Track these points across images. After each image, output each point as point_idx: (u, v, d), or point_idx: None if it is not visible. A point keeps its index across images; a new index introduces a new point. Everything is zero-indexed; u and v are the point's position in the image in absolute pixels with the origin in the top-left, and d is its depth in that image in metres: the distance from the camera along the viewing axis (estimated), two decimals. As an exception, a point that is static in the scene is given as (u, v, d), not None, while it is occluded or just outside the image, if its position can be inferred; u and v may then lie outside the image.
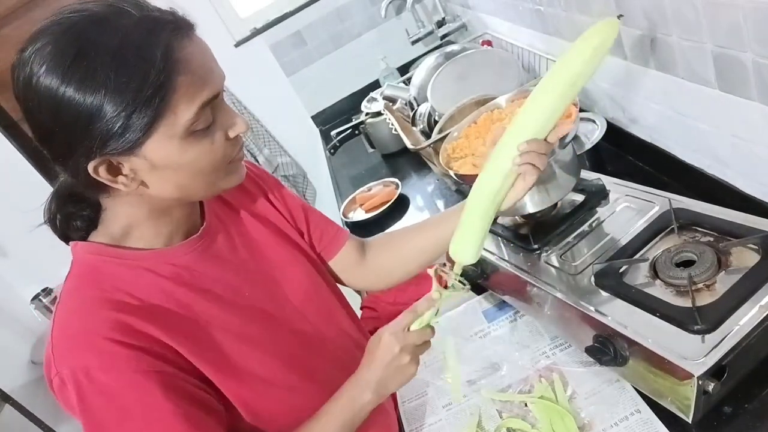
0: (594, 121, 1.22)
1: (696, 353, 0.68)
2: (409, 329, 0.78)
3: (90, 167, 0.64)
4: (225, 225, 0.86)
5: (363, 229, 1.63)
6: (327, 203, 2.62)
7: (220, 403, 0.75)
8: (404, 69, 2.38)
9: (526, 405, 0.85)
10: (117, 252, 0.73)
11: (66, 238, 0.76)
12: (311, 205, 1.02)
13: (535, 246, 0.97)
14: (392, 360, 0.77)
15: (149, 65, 0.60)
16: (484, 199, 0.77)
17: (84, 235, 0.75)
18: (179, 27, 0.64)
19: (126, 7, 0.63)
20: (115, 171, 0.66)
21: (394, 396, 1.00)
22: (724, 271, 0.76)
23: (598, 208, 1.00)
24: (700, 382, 0.66)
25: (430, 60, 1.57)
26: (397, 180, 1.70)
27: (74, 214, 0.75)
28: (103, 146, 0.62)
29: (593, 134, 1.19)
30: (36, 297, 2.34)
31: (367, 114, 1.96)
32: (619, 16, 0.75)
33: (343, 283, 1.05)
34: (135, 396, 0.66)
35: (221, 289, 0.79)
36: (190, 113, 0.64)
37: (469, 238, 0.77)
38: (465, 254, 0.77)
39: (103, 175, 0.65)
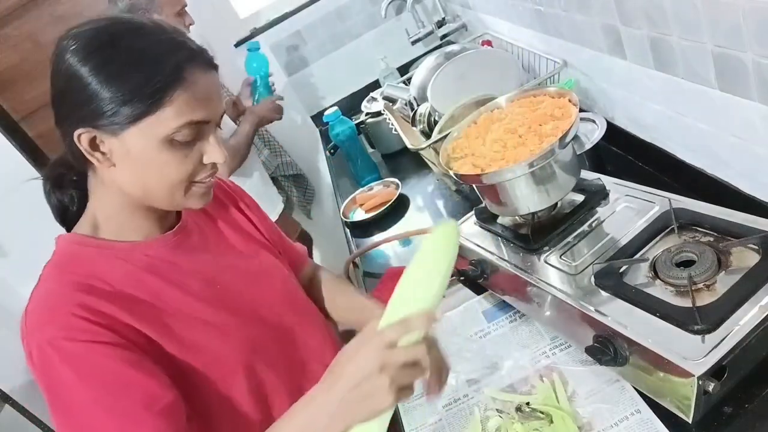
0: (594, 121, 1.22)
1: (696, 353, 0.68)
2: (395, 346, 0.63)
3: (76, 133, 0.71)
4: (200, 227, 0.91)
5: (363, 229, 1.63)
6: (327, 203, 2.62)
7: (186, 386, 0.77)
8: (404, 69, 2.38)
9: (527, 404, 0.84)
10: (95, 242, 0.79)
11: (61, 215, 0.85)
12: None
13: (535, 246, 0.97)
14: (364, 380, 0.61)
15: (157, 71, 0.70)
16: None
17: (70, 225, 0.83)
18: (200, 58, 0.74)
19: (165, 26, 0.75)
20: (94, 146, 0.73)
21: None
22: (724, 271, 0.76)
23: (598, 208, 1.00)
24: (700, 382, 0.66)
25: (430, 60, 1.57)
26: (397, 180, 1.70)
27: (65, 180, 0.83)
28: (94, 119, 0.70)
29: (593, 134, 1.19)
30: (36, 297, 2.34)
31: (367, 114, 1.96)
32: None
33: None
34: (96, 362, 0.70)
35: (193, 281, 0.83)
36: (175, 124, 0.71)
37: None
38: None
39: (83, 144, 0.72)
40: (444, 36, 2.22)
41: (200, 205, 0.81)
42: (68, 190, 0.84)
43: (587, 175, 1.07)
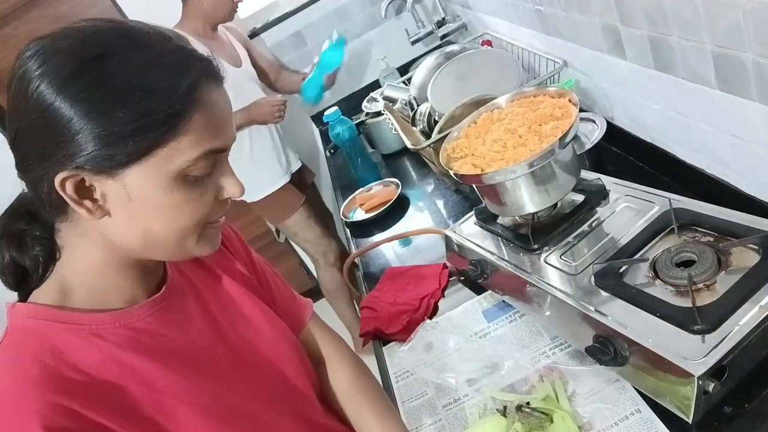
0: (594, 121, 1.22)
1: (696, 353, 0.68)
2: None
3: (58, 178, 0.54)
4: (191, 282, 0.75)
5: (363, 229, 1.63)
6: (327, 203, 2.62)
7: None
8: (404, 69, 2.38)
9: (527, 404, 0.84)
10: (64, 315, 0.61)
11: (16, 281, 0.65)
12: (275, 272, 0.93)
13: (535, 246, 0.97)
14: None
15: (171, 90, 0.55)
16: None
17: (27, 292, 0.64)
18: (212, 71, 0.61)
19: (166, 32, 0.60)
20: (83, 192, 0.57)
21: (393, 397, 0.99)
22: (724, 271, 0.76)
23: (598, 208, 1.00)
24: (700, 382, 0.66)
25: (430, 60, 1.57)
26: (397, 180, 1.70)
27: (27, 237, 0.63)
28: (83, 159, 0.54)
29: (593, 134, 1.19)
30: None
31: (367, 114, 1.96)
32: None
33: None
34: None
35: (189, 353, 0.67)
36: (192, 154, 0.57)
37: None
38: None
39: (68, 191, 0.55)
40: (444, 36, 2.22)
41: (210, 251, 0.66)
42: (31, 250, 0.63)
43: (587, 175, 1.07)
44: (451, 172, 1.01)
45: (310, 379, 0.85)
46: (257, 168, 2.12)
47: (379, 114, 1.85)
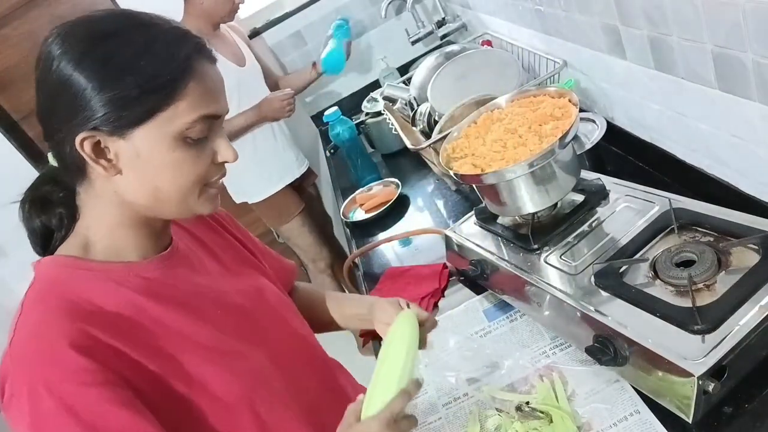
0: (594, 121, 1.22)
1: (696, 353, 0.68)
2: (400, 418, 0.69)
3: (78, 138, 0.64)
4: (192, 250, 0.84)
5: (363, 229, 1.63)
6: (327, 203, 2.62)
7: (187, 425, 0.71)
8: (404, 69, 2.38)
9: (527, 403, 0.84)
10: (86, 264, 0.71)
11: (43, 240, 0.75)
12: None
13: (535, 246, 0.97)
14: None
15: (169, 59, 0.65)
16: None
17: (53, 248, 0.74)
18: (204, 49, 0.70)
19: (165, 18, 0.70)
20: (99, 152, 0.66)
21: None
22: (724, 271, 0.76)
23: (598, 208, 1.00)
24: (700, 382, 0.66)
25: (430, 60, 1.57)
26: (397, 180, 1.70)
27: (50, 201, 0.74)
28: (97, 122, 0.64)
29: (593, 134, 1.19)
30: (36, 297, 2.34)
31: (367, 114, 1.96)
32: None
33: None
34: (98, 410, 0.62)
35: (196, 304, 0.76)
36: (189, 117, 0.67)
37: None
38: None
39: (86, 150, 0.65)
40: (444, 36, 2.22)
41: (211, 209, 0.75)
42: (56, 209, 0.74)
43: (587, 175, 1.07)
44: (451, 172, 1.01)
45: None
46: (258, 170, 2.13)
47: (379, 114, 1.85)
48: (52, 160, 0.73)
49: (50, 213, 0.74)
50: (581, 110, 1.09)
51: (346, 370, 1.03)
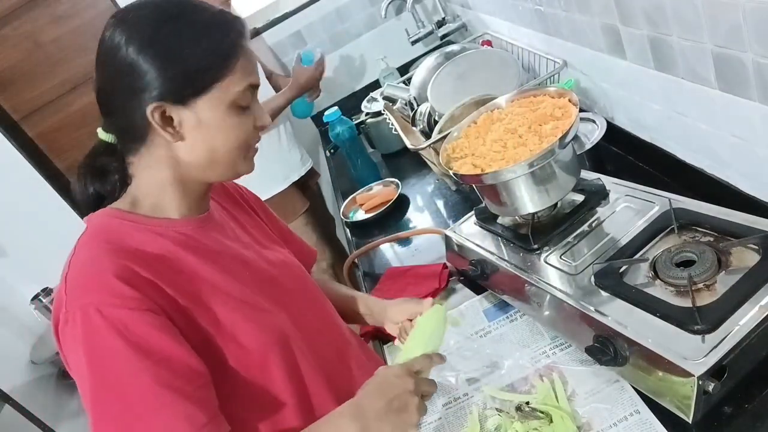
0: (594, 121, 1.22)
1: (696, 353, 0.68)
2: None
3: (149, 108, 0.73)
4: (225, 220, 0.93)
5: (363, 229, 1.63)
6: (327, 203, 2.62)
7: (218, 365, 0.78)
8: (404, 69, 2.38)
9: (527, 403, 0.84)
10: (131, 216, 0.80)
11: (94, 204, 0.83)
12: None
13: (535, 246, 0.97)
14: (397, 397, 0.74)
15: (223, 39, 0.76)
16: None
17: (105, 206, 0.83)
18: (246, 29, 0.80)
19: (209, 3, 0.79)
20: (165, 121, 0.75)
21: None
22: (724, 271, 0.76)
23: (598, 208, 1.00)
24: (700, 382, 0.66)
25: (430, 60, 1.57)
26: (397, 180, 1.70)
27: (107, 171, 0.83)
28: (166, 93, 0.74)
29: (593, 134, 1.19)
30: (36, 297, 2.34)
31: (367, 114, 1.96)
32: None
33: None
34: (142, 331, 0.69)
35: (228, 262, 0.84)
36: (240, 87, 0.77)
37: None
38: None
39: (156, 119, 0.74)
40: (444, 36, 2.22)
41: (249, 169, 0.84)
42: (111, 176, 0.83)
43: (587, 175, 1.07)
44: (451, 172, 1.01)
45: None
46: (263, 168, 2.12)
47: (379, 114, 1.85)
48: (103, 135, 0.82)
49: (105, 181, 0.83)
50: (581, 110, 1.10)
51: (370, 348, 1.11)
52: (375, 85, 2.37)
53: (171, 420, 0.68)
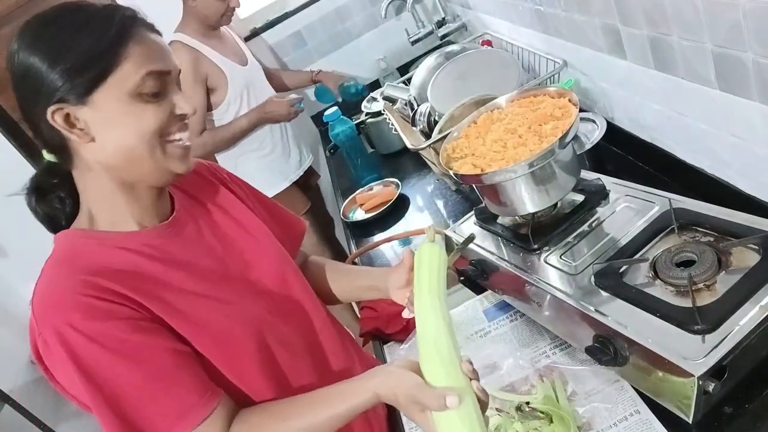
0: (594, 121, 1.22)
1: (696, 353, 0.68)
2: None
3: (48, 112, 0.72)
4: (194, 217, 0.90)
5: (363, 229, 1.63)
6: (327, 203, 2.62)
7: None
8: (404, 69, 2.38)
9: (527, 404, 0.85)
10: (93, 234, 0.80)
11: (51, 222, 0.83)
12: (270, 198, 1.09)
13: (535, 246, 0.97)
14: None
15: (106, 29, 0.74)
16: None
17: (65, 224, 0.83)
18: (140, 20, 0.78)
19: (100, 2, 0.79)
20: (70, 123, 0.74)
21: None
22: (724, 271, 0.76)
23: (598, 208, 1.00)
24: (700, 382, 0.66)
25: (430, 60, 1.57)
26: (397, 180, 1.70)
27: (44, 189, 0.83)
28: (60, 94, 0.72)
29: (593, 134, 1.19)
30: (36, 297, 2.34)
31: (367, 114, 1.96)
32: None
33: None
34: (122, 337, 0.72)
35: (192, 269, 0.83)
36: (138, 75, 0.74)
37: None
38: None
39: (59, 122, 0.73)
40: (444, 36, 2.22)
41: (183, 168, 0.81)
42: (51, 194, 0.83)
43: (587, 175, 1.07)
44: (451, 172, 1.01)
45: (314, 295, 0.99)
46: (264, 168, 2.13)
47: (379, 114, 1.85)
48: (46, 155, 0.80)
49: (47, 199, 0.83)
50: (581, 110, 1.09)
51: (351, 335, 1.08)
52: (375, 85, 2.37)
53: (167, 409, 0.73)
